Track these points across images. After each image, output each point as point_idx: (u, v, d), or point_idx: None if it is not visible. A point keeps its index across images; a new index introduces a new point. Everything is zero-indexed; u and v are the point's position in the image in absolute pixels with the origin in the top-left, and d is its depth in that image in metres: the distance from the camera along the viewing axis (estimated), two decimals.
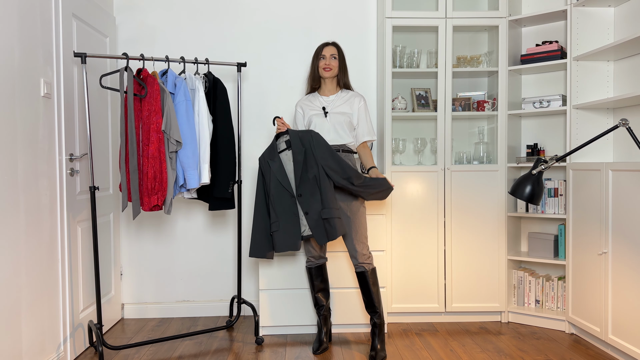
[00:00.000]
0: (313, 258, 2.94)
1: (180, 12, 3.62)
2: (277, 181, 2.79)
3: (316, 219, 2.72)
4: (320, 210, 2.71)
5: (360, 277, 2.82)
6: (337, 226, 2.70)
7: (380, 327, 2.84)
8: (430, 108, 3.51)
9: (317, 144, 2.76)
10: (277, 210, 2.79)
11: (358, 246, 2.80)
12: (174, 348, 3.01)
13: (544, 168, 2.54)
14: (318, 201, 2.72)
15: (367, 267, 2.81)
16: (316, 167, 2.74)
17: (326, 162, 2.74)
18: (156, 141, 2.67)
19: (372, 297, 2.82)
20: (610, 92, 3.21)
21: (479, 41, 3.68)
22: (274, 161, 2.82)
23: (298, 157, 2.75)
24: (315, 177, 2.73)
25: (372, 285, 2.81)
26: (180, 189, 2.85)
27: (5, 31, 2.26)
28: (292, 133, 2.80)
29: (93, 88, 3.08)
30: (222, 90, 3.04)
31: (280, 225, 2.78)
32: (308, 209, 2.73)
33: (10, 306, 2.28)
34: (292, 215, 2.77)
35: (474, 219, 3.39)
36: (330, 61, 2.94)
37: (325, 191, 2.72)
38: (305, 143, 2.78)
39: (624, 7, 3.11)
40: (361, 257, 2.80)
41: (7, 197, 2.25)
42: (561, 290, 3.32)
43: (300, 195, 2.75)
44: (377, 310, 2.84)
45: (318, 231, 2.72)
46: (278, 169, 2.80)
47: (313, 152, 2.75)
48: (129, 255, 3.62)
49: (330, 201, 2.71)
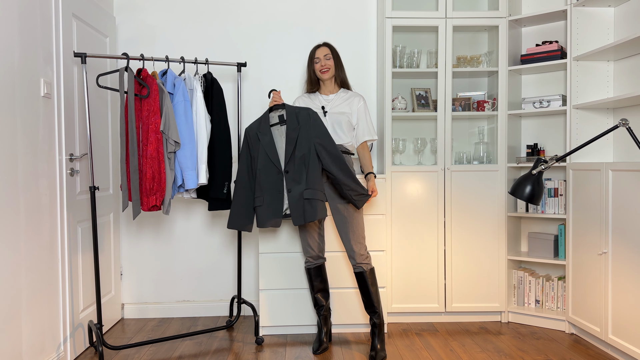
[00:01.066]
0: (311, 258, 2.93)
1: (181, 12, 3.62)
2: (266, 155, 2.74)
3: (297, 198, 2.67)
4: (303, 190, 2.67)
5: (359, 277, 2.82)
6: (318, 208, 2.65)
7: (380, 327, 2.84)
8: (430, 108, 3.51)
9: (313, 123, 2.72)
10: (262, 185, 2.73)
11: (356, 247, 2.80)
12: (174, 348, 3.01)
13: (544, 168, 2.54)
14: (303, 180, 2.68)
15: (366, 268, 2.81)
16: (307, 146, 2.70)
17: (320, 141, 2.70)
18: (154, 141, 2.67)
19: (371, 297, 2.81)
20: (610, 92, 3.21)
21: (479, 41, 3.68)
22: (264, 134, 2.76)
23: (291, 134, 2.70)
24: (304, 155, 2.69)
25: (371, 286, 2.81)
26: (178, 190, 2.86)
27: (5, 31, 2.26)
28: (289, 108, 2.76)
29: (93, 88, 3.08)
30: (218, 90, 3.04)
31: (264, 200, 2.73)
32: (292, 187, 2.69)
33: (10, 306, 2.28)
34: (276, 192, 2.72)
35: (474, 219, 3.39)
36: (326, 62, 2.93)
37: (312, 171, 2.68)
38: (300, 120, 2.73)
39: (624, 7, 3.11)
40: (359, 257, 2.80)
41: (7, 197, 2.25)
42: (561, 290, 3.32)
43: (287, 172, 2.70)
44: (377, 310, 2.83)
45: (296, 211, 2.67)
46: (268, 143, 2.74)
47: (307, 130, 2.71)
48: (129, 255, 3.62)
49: (316, 182, 2.67)
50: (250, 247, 3.65)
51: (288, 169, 2.70)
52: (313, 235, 2.91)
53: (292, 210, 2.67)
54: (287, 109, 2.75)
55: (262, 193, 2.73)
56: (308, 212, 2.66)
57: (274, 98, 2.82)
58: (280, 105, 2.78)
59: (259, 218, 2.75)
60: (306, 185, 2.68)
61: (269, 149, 2.73)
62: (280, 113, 2.77)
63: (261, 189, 2.74)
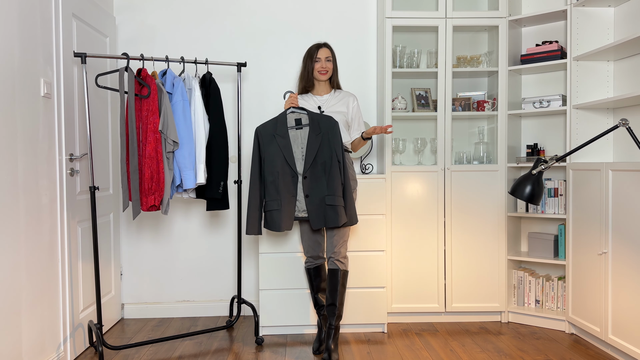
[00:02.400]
0: (312, 258, 2.93)
1: (180, 12, 3.62)
2: (284, 158, 2.71)
3: (317, 204, 2.69)
4: (324, 196, 2.69)
5: (332, 273, 2.81)
6: (340, 215, 2.69)
7: (337, 329, 2.84)
8: (430, 108, 3.51)
9: (334, 134, 2.72)
10: (279, 188, 2.71)
11: (340, 249, 2.81)
12: (174, 348, 3.01)
13: (544, 168, 2.54)
14: (323, 186, 2.69)
15: (342, 267, 2.82)
16: (329, 153, 2.71)
17: (338, 150, 2.72)
18: (153, 141, 2.67)
19: (336, 296, 2.80)
20: (610, 92, 3.21)
21: (479, 41, 3.68)
22: (282, 137, 2.72)
23: (314, 140, 2.70)
24: (325, 162, 2.70)
25: (341, 286, 2.81)
26: (177, 189, 2.86)
27: (5, 31, 2.26)
28: (312, 114, 2.75)
29: (93, 88, 3.08)
30: (215, 89, 3.03)
31: (280, 204, 2.70)
32: (309, 192, 2.69)
33: (10, 306, 2.28)
34: (290, 195, 2.71)
35: (474, 219, 3.39)
36: (326, 64, 2.93)
37: (333, 178, 2.70)
38: (322, 127, 2.73)
39: (624, 7, 3.11)
40: (340, 257, 2.82)
41: (7, 197, 2.25)
42: (561, 290, 3.32)
43: (305, 177, 2.70)
44: (338, 311, 2.83)
45: (316, 215, 2.69)
46: (285, 146, 2.72)
47: (329, 138, 2.71)
48: (128, 255, 3.62)
49: (337, 189, 2.70)
50: (250, 247, 3.65)
51: (307, 174, 2.70)
52: (314, 237, 2.91)
53: (312, 214, 2.69)
54: (310, 115, 2.74)
55: (280, 196, 2.71)
56: (330, 217, 2.69)
57: (292, 100, 2.79)
58: (298, 109, 2.75)
59: (275, 221, 2.72)
60: (327, 192, 2.70)
61: (287, 152, 2.71)
62: (299, 117, 2.75)
63: (278, 192, 2.71)
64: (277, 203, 2.71)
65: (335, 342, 2.82)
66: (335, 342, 2.82)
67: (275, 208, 2.71)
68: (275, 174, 2.72)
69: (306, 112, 2.75)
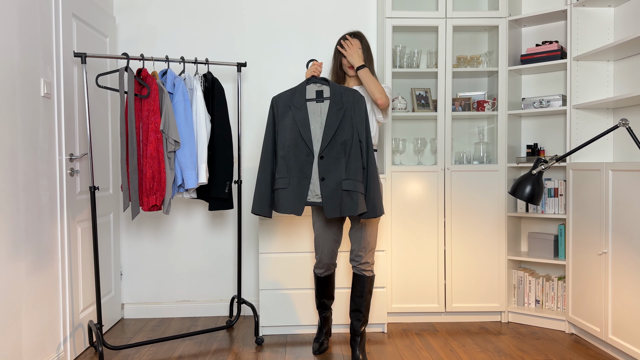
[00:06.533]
0: (323, 265, 2.74)
1: (180, 12, 3.62)
2: (298, 133, 2.40)
3: (333, 188, 2.37)
4: (341, 180, 2.37)
5: (359, 279, 2.69)
6: (359, 202, 2.35)
7: (363, 336, 2.74)
8: (430, 108, 3.51)
9: (358, 109, 2.40)
10: (290, 165, 2.41)
11: (366, 256, 2.65)
12: (174, 348, 3.01)
13: (544, 168, 2.54)
14: (341, 169, 2.37)
15: (368, 274, 2.69)
16: (350, 132, 2.39)
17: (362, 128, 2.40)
18: (154, 141, 2.67)
19: (363, 302, 2.68)
20: (610, 92, 3.21)
21: (479, 41, 3.68)
22: (299, 109, 2.41)
23: (334, 116, 2.38)
24: (346, 142, 2.38)
25: (367, 293, 2.70)
26: (178, 189, 2.86)
27: (5, 31, 2.26)
28: (334, 86, 2.42)
29: (93, 88, 3.08)
30: (220, 90, 3.04)
31: (289, 183, 2.41)
32: (325, 175, 2.37)
33: (10, 306, 2.28)
34: (302, 175, 2.41)
35: (474, 219, 3.39)
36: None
37: (353, 160, 2.38)
38: (345, 101, 2.41)
39: (624, 7, 3.11)
40: (365, 264, 2.67)
41: (7, 197, 2.25)
42: (561, 290, 3.32)
43: (322, 157, 2.39)
44: (365, 317, 2.72)
45: (332, 202, 2.36)
46: (302, 120, 2.41)
47: (352, 114, 2.40)
48: (128, 255, 3.62)
49: (357, 173, 2.38)
50: (250, 247, 3.65)
51: (324, 154, 2.38)
52: (329, 236, 2.68)
53: (326, 200, 2.37)
54: (332, 86, 2.42)
55: (289, 174, 2.42)
56: (347, 204, 2.37)
57: (315, 69, 2.51)
58: (320, 79, 2.45)
59: (281, 202, 2.43)
60: (345, 175, 2.37)
61: (302, 127, 2.40)
62: (320, 88, 2.44)
63: (288, 170, 2.42)
64: (286, 181, 2.43)
65: (363, 350, 2.72)
66: (363, 351, 2.72)
67: (282, 187, 2.44)
68: (286, 148, 2.43)
69: (328, 84, 2.45)
